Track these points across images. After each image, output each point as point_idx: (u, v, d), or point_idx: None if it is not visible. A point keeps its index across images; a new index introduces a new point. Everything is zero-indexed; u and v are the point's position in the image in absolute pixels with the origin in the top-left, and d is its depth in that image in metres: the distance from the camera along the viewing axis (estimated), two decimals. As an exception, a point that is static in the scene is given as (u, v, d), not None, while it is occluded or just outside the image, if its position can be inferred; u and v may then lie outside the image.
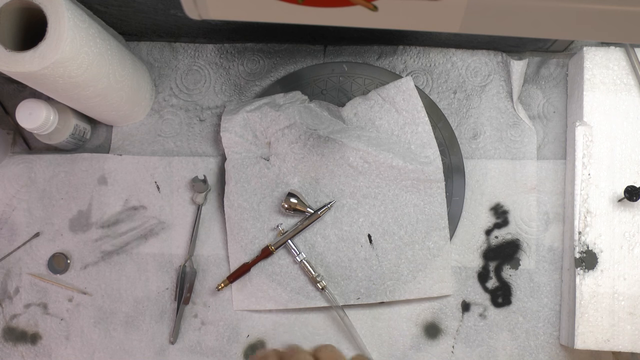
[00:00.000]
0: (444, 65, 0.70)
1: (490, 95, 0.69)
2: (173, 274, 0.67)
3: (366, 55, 0.70)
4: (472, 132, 0.68)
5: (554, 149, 0.68)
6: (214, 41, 0.71)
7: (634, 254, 0.61)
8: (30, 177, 0.69)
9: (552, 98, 0.69)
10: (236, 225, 0.66)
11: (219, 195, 0.68)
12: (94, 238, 0.68)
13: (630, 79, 0.64)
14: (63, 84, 0.54)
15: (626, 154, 0.63)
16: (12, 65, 0.50)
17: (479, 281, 0.66)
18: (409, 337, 0.66)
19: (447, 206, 0.66)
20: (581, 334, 0.60)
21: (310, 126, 0.65)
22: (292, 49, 0.71)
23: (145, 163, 0.69)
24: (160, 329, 0.67)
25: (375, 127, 0.66)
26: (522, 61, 0.67)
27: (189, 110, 0.70)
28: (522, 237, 0.66)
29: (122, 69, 0.61)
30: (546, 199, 0.67)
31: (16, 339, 0.67)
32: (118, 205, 0.68)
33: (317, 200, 0.66)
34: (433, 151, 0.65)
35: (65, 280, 0.68)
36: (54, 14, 0.50)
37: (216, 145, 0.69)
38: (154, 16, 0.65)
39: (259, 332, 0.66)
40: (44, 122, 0.61)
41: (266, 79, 0.71)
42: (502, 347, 0.65)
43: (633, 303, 0.60)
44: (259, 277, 0.65)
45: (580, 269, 0.61)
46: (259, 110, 0.65)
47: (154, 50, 0.71)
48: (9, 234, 0.69)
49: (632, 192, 0.59)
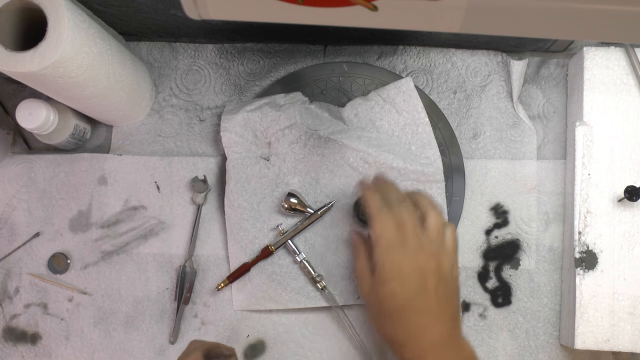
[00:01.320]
0: (444, 65, 0.70)
1: (490, 95, 0.69)
2: (173, 274, 0.67)
3: (366, 55, 0.70)
4: (472, 132, 0.68)
5: (554, 149, 0.68)
6: (214, 41, 0.71)
7: (634, 254, 0.61)
8: (30, 177, 0.69)
9: (552, 98, 0.69)
10: (236, 225, 0.66)
11: (219, 195, 0.68)
12: (94, 238, 0.68)
13: (630, 79, 0.64)
14: (63, 84, 0.54)
15: (626, 154, 0.63)
16: (12, 65, 0.50)
17: (479, 281, 0.66)
18: (409, 337, 0.66)
19: (447, 206, 0.66)
20: (581, 334, 0.60)
21: (310, 126, 0.65)
22: (292, 49, 0.71)
23: (145, 163, 0.69)
24: (160, 329, 0.67)
25: (376, 128, 0.66)
26: (522, 61, 0.67)
27: (189, 110, 0.70)
28: (522, 237, 0.66)
29: (122, 69, 0.61)
30: (546, 199, 0.67)
31: (16, 339, 0.67)
32: (118, 205, 0.68)
33: (317, 200, 0.66)
34: (433, 152, 0.65)
35: (65, 280, 0.68)
36: (54, 14, 0.50)
37: (216, 145, 0.69)
38: (154, 16, 0.65)
39: (259, 332, 0.66)
40: (44, 122, 0.61)
41: (266, 79, 0.71)
42: (502, 347, 0.65)
43: (633, 303, 0.60)
44: (259, 277, 0.65)
45: (580, 269, 0.61)
46: (259, 110, 0.65)
47: (154, 50, 0.71)
48: (9, 234, 0.69)
49: (632, 192, 0.59)
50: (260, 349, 0.66)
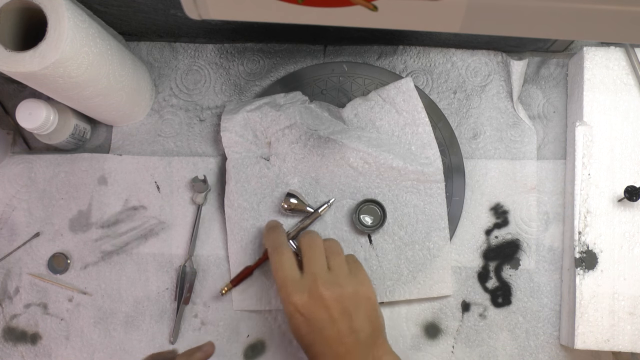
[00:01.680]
0: (444, 65, 0.70)
1: (490, 95, 0.69)
2: (173, 274, 0.67)
3: (366, 55, 0.70)
4: (472, 132, 0.68)
5: (554, 149, 0.68)
6: (214, 41, 0.71)
7: (634, 254, 0.61)
8: (30, 177, 0.69)
9: (552, 98, 0.69)
10: (236, 225, 0.66)
11: (219, 195, 0.68)
12: (94, 238, 0.68)
13: (630, 79, 0.64)
14: (63, 84, 0.54)
15: (626, 154, 0.63)
16: (12, 65, 0.50)
17: (479, 281, 0.66)
18: (409, 337, 0.66)
19: (447, 206, 0.66)
20: (581, 334, 0.60)
21: (310, 126, 0.65)
22: (292, 49, 0.71)
23: (145, 163, 0.69)
24: (160, 329, 0.67)
25: (376, 128, 0.66)
26: (522, 61, 0.67)
27: (189, 110, 0.70)
28: (522, 237, 0.66)
29: (122, 69, 0.61)
30: (546, 199, 0.67)
31: (16, 339, 0.67)
32: (118, 205, 0.68)
33: (317, 200, 0.66)
34: (433, 152, 0.65)
35: (65, 280, 0.68)
36: (54, 14, 0.50)
37: (216, 145, 0.69)
38: (154, 16, 0.65)
39: (259, 332, 0.66)
40: (44, 122, 0.61)
41: (266, 79, 0.71)
42: (502, 347, 0.65)
43: (633, 303, 0.60)
44: (259, 277, 0.65)
45: (580, 269, 0.61)
46: (259, 110, 0.65)
47: (154, 50, 0.71)
48: (9, 234, 0.69)
49: (632, 192, 0.59)
50: (260, 349, 0.66)
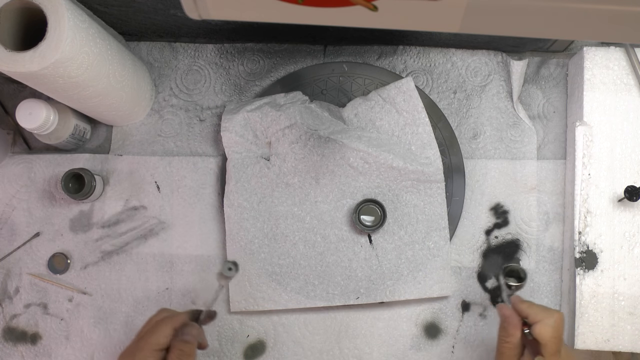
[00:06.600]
0: (444, 65, 0.70)
1: (490, 95, 0.69)
2: (173, 274, 0.67)
3: (366, 55, 0.70)
4: (472, 132, 0.68)
5: (554, 149, 0.68)
6: (214, 41, 0.71)
7: (634, 254, 0.61)
8: (30, 177, 0.69)
9: (552, 98, 0.69)
10: (236, 224, 0.66)
11: (219, 195, 0.68)
12: (94, 238, 0.68)
13: (630, 79, 0.64)
14: (63, 84, 0.54)
15: (626, 154, 0.63)
16: (12, 65, 0.50)
17: (478, 281, 0.66)
18: (409, 337, 0.66)
19: (447, 206, 0.66)
20: (581, 334, 0.60)
21: (310, 126, 0.65)
22: (292, 49, 0.71)
23: (145, 163, 0.69)
24: (160, 329, 0.67)
25: (376, 128, 0.66)
26: (522, 61, 0.67)
27: (189, 110, 0.70)
28: (522, 237, 0.66)
29: (122, 69, 0.61)
30: (546, 199, 0.67)
31: (16, 339, 0.67)
32: (118, 205, 0.68)
33: (317, 200, 0.66)
34: (433, 152, 0.65)
35: (65, 280, 0.68)
36: (54, 14, 0.50)
37: (216, 145, 0.69)
38: (154, 16, 0.65)
39: (259, 332, 0.66)
40: (44, 122, 0.61)
41: (266, 79, 0.71)
42: (502, 347, 0.65)
43: (633, 303, 0.60)
44: (258, 278, 0.65)
45: (580, 269, 0.61)
46: (260, 110, 0.65)
47: (154, 50, 0.71)
48: (9, 234, 0.69)
49: (632, 192, 0.59)
50: (260, 349, 0.66)
